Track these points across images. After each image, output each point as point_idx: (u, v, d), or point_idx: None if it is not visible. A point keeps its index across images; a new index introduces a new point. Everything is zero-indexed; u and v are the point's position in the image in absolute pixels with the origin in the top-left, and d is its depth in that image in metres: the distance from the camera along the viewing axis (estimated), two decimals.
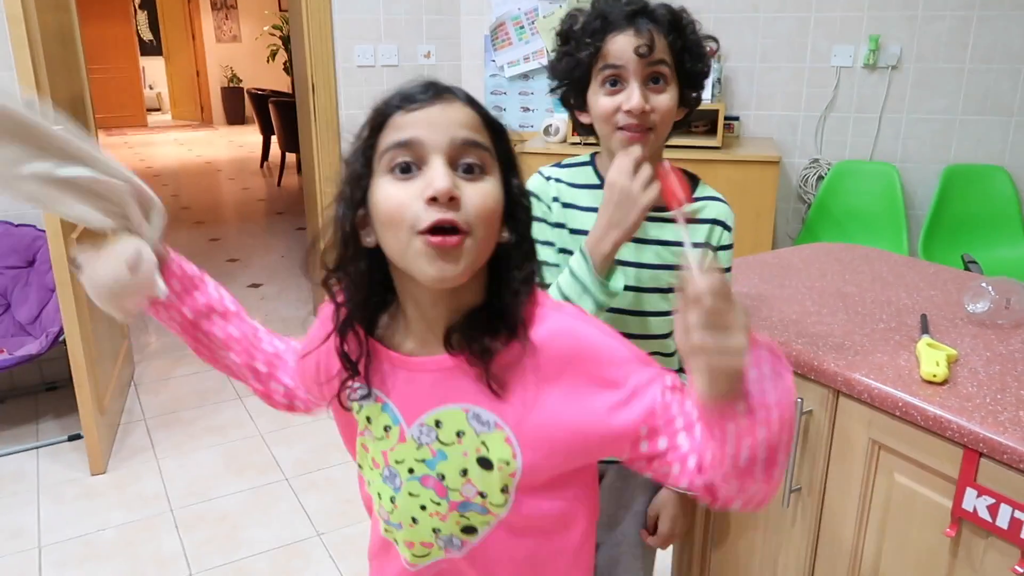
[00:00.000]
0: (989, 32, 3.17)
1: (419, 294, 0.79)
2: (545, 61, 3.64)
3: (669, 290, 1.13)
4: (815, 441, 1.18)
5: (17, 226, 2.92)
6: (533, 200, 1.03)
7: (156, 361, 3.43)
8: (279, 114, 7.09)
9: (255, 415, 2.94)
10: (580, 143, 3.24)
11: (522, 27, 3.65)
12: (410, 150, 0.73)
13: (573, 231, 1.16)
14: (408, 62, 3.66)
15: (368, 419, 0.86)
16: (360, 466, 0.91)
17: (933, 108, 3.33)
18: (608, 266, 1.05)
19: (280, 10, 10.49)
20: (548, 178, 1.20)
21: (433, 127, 0.73)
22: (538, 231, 1.15)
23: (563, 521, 0.87)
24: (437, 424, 0.81)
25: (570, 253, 1.12)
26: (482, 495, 0.81)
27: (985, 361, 1.14)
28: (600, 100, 1.08)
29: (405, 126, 0.74)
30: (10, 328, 2.94)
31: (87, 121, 2.99)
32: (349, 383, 0.84)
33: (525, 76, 3.72)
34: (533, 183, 1.20)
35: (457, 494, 0.82)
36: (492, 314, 0.78)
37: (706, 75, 1.11)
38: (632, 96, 1.05)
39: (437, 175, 0.71)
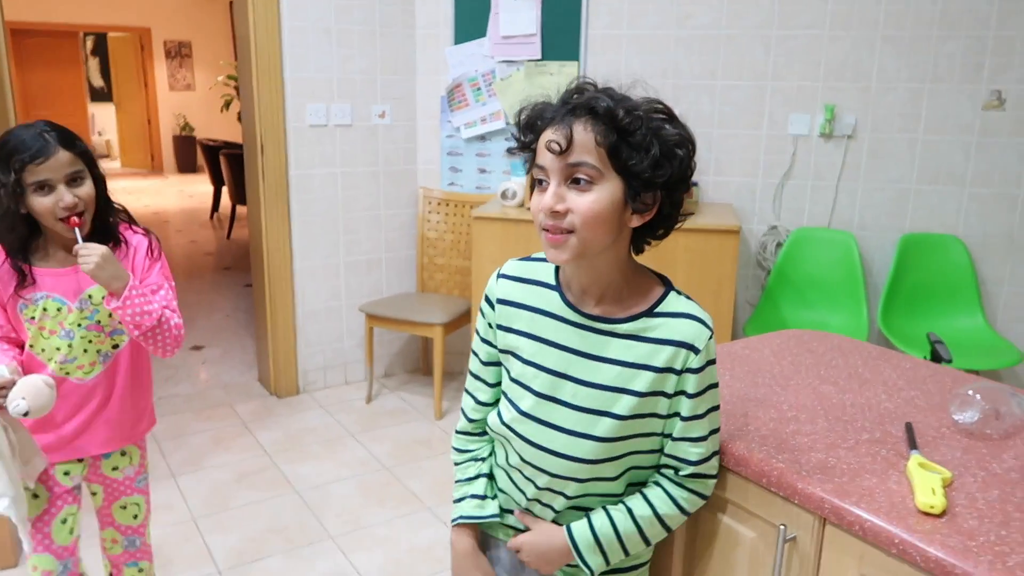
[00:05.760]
0: (940, 105, 3.21)
1: (58, 236, 1.52)
2: (503, 123, 3.58)
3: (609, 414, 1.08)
4: (799, 573, 1.07)
5: None
6: (482, 301, 1.21)
7: None
8: (230, 166, 6.93)
9: (188, 496, 2.73)
10: None
11: (479, 88, 3.60)
12: (45, 184, 1.45)
13: (501, 327, 1.16)
14: (362, 122, 3.56)
15: (44, 308, 1.54)
16: (31, 347, 1.57)
17: (888, 177, 3.34)
18: None
19: (235, 60, 10.40)
20: (500, 276, 1.18)
21: (55, 171, 1.44)
22: (482, 327, 1.21)
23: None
24: (90, 297, 1.56)
25: (509, 353, 1.16)
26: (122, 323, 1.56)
27: (981, 484, 1.04)
28: (532, 199, 1.05)
29: (40, 172, 1.44)
30: None
31: None
32: (22, 291, 1.53)
33: (482, 138, 3.65)
34: (489, 283, 1.19)
35: (109, 327, 1.60)
36: (102, 235, 1.54)
37: (660, 176, 0.99)
38: (545, 195, 1.00)
39: (65, 195, 1.45)
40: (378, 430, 3.28)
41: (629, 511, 1.12)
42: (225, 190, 7.48)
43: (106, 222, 1.57)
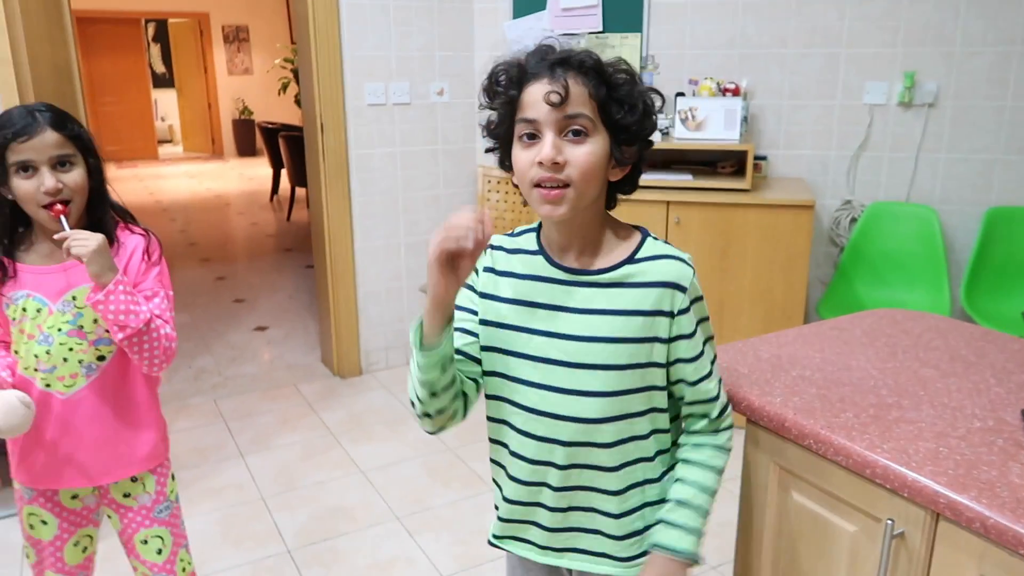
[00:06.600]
0: None
1: (44, 228, 1.38)
2: None
3: (603, 366, 1.05)
4: (908, 572, 0.99)
5: None
6: None
7: None
8: (289, 148, 6.99)
9: (256, 475, 2.76)
10: None
11: None
12: (28, 164, 1.32)
13: (485, 295, 1.13)
14: (420, 100, 3.53)
15: (24, 309, 1.40)
16: (16, 352, 1.43)
17: (973, 147, 3.15)
18: (431, 330, 1.03)
19: (292, 43, 10.48)
20: (489, 247, 1.15)
21: (39, 151, 1.32)
22: (463, 297, 1.15)
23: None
24: (74, 298, 1.40)
25: (494, 324, 1.11)
26: (108, 331, 1.40)
27: None
28: (518, 155, 1.03)
29: (22, 152, 1.32)
30: None
31: None
32: (2, 287, 1.40)
33: None
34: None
35: (93, 334, 1.42)
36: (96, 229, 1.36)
37: (644, 130, 1.04)
38: (544, 146, 0.99)
39: (46, 179, 1.32)
40: None
41: (701, 487, 1.09)
42: (284, 172, 7.56)
43: (99, 218, 1.42)
